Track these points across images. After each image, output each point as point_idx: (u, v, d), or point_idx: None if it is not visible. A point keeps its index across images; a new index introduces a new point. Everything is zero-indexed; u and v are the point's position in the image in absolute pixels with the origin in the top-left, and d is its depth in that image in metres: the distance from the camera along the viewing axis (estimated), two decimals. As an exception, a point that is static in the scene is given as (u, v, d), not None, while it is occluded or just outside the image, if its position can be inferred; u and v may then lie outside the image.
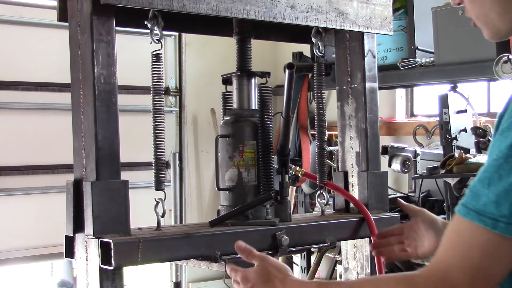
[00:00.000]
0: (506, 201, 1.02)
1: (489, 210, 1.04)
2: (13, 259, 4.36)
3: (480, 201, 1.06)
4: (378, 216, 1.93)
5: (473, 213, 1.06)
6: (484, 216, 1.05)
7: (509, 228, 1.03)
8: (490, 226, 1.04)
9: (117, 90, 1.56)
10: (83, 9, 1.54)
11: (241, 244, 1.44)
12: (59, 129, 4.23)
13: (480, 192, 1.06)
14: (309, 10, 1.81)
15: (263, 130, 1.81)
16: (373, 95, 1.99)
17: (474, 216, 1.06)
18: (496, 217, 1.03)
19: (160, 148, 1.66)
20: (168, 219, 4.86)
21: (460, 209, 1.09)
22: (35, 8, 4.39)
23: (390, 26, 1.99)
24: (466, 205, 1.08)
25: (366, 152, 1.97)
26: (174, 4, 1.58)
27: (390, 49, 3.64)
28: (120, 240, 1.49)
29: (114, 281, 1.51)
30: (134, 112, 4.68)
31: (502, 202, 1.03)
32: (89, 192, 1.51)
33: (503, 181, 1.03)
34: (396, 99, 4.50)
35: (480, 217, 1.05)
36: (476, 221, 1.06)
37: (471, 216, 1.06)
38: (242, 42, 1.89)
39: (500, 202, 1.03)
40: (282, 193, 1.83)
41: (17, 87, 4.34)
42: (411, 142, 4.12)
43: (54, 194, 4.31)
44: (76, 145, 1.60)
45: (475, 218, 1.06)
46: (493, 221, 1.03)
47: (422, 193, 3.58)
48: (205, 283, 5.15)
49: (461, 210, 1.09)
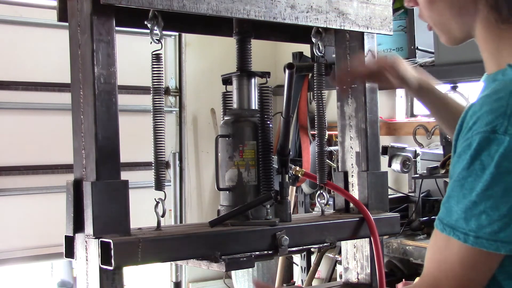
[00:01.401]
0: (471, 217, 1.13)
1: (460, 225, 1.14)
2: (13, 259, 4.36)
3: (452, 217, 1.16)
4: (378, 216, 1.93)
5: (448, 228, 1.16)
6: (457, 231, 1.15)
7: (477, 241, 1.12)
8: (462, 239, 1.14)
9: (117, 90, 1.56)
10: (83, 9, 1.54)
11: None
12: (59, 129, 4.23)
13: (452, 208, 1.16)
14: (309, 10, 1.81)
15: (263, 130, 1.80)
16: (373, 95, 1.99)
17: (449, 231, 1.16)
18: (466, 231, 1.13)
19: (160, 148, 1.66)
20: (168, 219, 4.86)
21: (437, 224, 1.19)
22: (35, 8, 4.39)
23: (390, 26, 1.99)
24: (442, 220, 1.18)
25: (366, 152, 1.97)
26: (174, 4, 1.58)
27: (390, 49, 3.65)
28: (120, 240, 1.49)
29: (114, 281, 1.51)
30: (134, 112, 4.69)
31: (469, 217, 1.13)
32: (89, 192, 1.51)
33: (466, 199, 1.13)
34: (396, 99, 4.50)
35: (454, 232, 1.15)
36: (451, 235, 1.15)
37: (447, 231, 1.16)
38: (242, 42, 1.89)
39: (467, 218, 1.13)
40: (282, 193, 1.83)
41: (17, 87, 4.35)
42: (411, 142, 4.12)
43: (54, 194, 4.31)
44: (76, 145, 1.60)
45: (450, 233, 1.16)
46: (464, 235, 1.14)
47: (422, 193, 3.58)
48: (205, 283, 5.15)
49: (438, 225, 1.19)
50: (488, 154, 1.10)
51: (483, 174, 1.11)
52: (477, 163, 1.12)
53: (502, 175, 1.10)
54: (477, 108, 1.15)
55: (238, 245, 1.67)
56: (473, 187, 1.12)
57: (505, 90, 1.14)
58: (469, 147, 1.13)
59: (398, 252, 3.36)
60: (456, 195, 1.15)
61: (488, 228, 1.11)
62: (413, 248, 3.30)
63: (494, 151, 1.10)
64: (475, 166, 1.12)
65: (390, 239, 3.38)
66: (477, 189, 1.12)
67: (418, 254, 3.26)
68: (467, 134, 1.14)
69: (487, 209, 1.11)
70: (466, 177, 1.13)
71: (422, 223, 3.46)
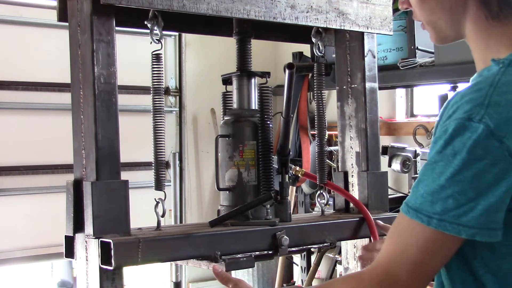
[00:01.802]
0: (438, 200, 1.14)
1: (425, 208, 1.16)
2: (13, 259, 4.36)
3: (418, 200, 1.17)
4: (378, 216, 1.93)
5: (412, 211, 1.18)
6: (421, 213, 1.16)
7: (441, 224, 1.14)
8: (425, 222, 1.15)
9: (117, 90, 1.56)
10: (83, 9, 1.54)
11: (216, 269, 1.52)
12: (59, 129, 4.23)
13: (418, 193, 1.18)
14: (309, 10, 1.81)
15: (263, 130, 1.80)
16: (373, 95, 1.99)
17: (413, 214, 1.17)
18: (430, 214, 1.15)
19: (160, 148, 1.66)
20: (168, 219, 4.86)
21: (403, 207, 1.21)
22: (35, 8, 4.39)
23: (390, 26, 2.00)
24: (407, 203, 1.20)
25: (366, 152, 1.97)
26: (174, 4, 1.58)
27: (390, 49, 3.64)
28: (120, 240, 1.49)
29: (114, 281, 1.51)
30: (134, 112, 4.68)
31: (435, 201, 1.14)
32: (89, 192, 1.51)
33: (435, 183, 1.15)
34: (396, 99, 4.50)
35: (417, 214, 1.17)
36: (414, 218, 1.17)
37: (411, 214, 1.18)
38: (242, 42, 1.89)
39: (434, 201, 1.15)
40: (282, 193, 1.83)
41: (17, 87, 4.34)
42: (411, 142, 4.12)
43: (54, 194, 4.31)
44: (76, 145, 1.60)
45: (414, 215, 1.17)
46: (427, 217, 1.15)
47: (422, 193, 3.58)
48: (205, 283, 5.15)
49: (403, 208, 1.20)
50: (461, 140, 1.12)
51: (454, 159, 1.13)
52: (449, 148, 1.14)
53: (472, 161, 1.11)
54: (458, 98, 1.18)
55: (238, 245, 1.67)
56: (443, 171, 1.14)
57: (485, 82, 1.17)
58: (445, 132, 1.15)
59: (398, 252, 3.35)
60: (425, 179, 1.17)
61: (453, 211, 1.13)
62: (413, 248, 3.29)
63: (467, 137, 1.12)
64: (447, 151, 1.14)
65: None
66: (446, 174, 1.13)
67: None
68: (445, 122, 1.16)
69: (455, 194, 1.13)
70: (437, 161, 1.15)
71: (422, 223, 3.45)
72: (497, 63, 1.20)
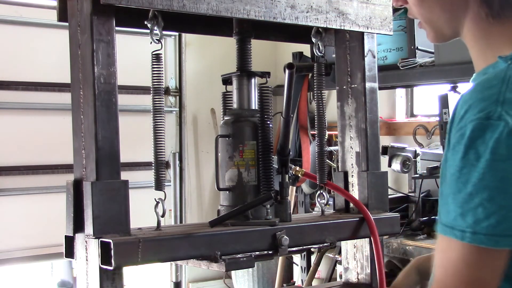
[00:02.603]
0: (468, 211, 1.07)
1: (458, 223, 1.09)
2: (13, 259, 4.37)
3: (450, 216, 1.11)
4: (378, 216, 1.93)
5: (447, 228, 1.11)
6: (455, 229, 1.10)
7: (475, 238, 1.07)
8: (459, 238, 1.09)
9: (117, 90, 1.56)
10: (83, 9, 1.53)
11: None
12: (59, 129, 4.23)
13: (449, 208, 1.11)
14: (309, 10, 1.81)
15: (263, 130, 1.80)
16: (373, 95, 1.99)
17: (449, 231, 1.11)
18: (463, 228, 1.08)
19: (160, 148, 1.66)
20: (168, 219, 4.87)
21: (438, 228, 1.15)
22: (35, 8, 4.40)
23: (390, 26, 1.99)
24: (442, 222, 1.14)
25: (366, 152, 1.97)
26: (174, 4, 1.58)
27: (390, 49, 3.65)
28: (120, 240, 1.49)
29: (114, 281, 1.51)
30: (134, 112, 4.69)
31: (465, 213, 1.08)
32: (89, 192, 1.51)
33: (462, 192, 1.08)
34: (396, 99, 4.50)
35: (453, 231, 1.10)
36: (450, 235, 1.11)
37: (447, 232, 1.12)
38: (242, 42, 1.89)
39: (464, 213, 1.08)
40: (282, 193, 1.82)
41: (17, 87, 4.35)
42: (411, 142, 4.12)
43: (54, 194, 4.32)
44: (76, 145, 1.59)
45: (450, 233, 1.11)
46: (461, 232, 1.09)
47: (422, 193, 3.58)
48: (205, 283, 5.15)
49: (439, 228, 1.14)
50: (482, 141, 1.06)
51: (478, 163, 1.06)
52: (471, 152, 1.07)
53: (497, 162, 1.05)
54: (467, 97, 1.13)
55: (238, 245, 1.67)
56: (468, 179, 1.07)
57: (496, 78, 1.12)
58: (463, 136, 1.08)
59: (398, 252, 3.36)
60: (452, 192, 1.10)
61: (485, 222, 1.06)
62: (413, 248, 3.30)
63: (488, 137, 1.05)
64: (469, 155, 1.07)
65: (390, 239, 3.38)
66: (472, 180, 1.06)
67: (418, 254, 3.25)
68: (459, 124, 1.10)
69: (484, 201, 1.06)
70: (461, 169, 1.08)
71: (422, 223, 3.46)
72: (505, 60, 1.17)
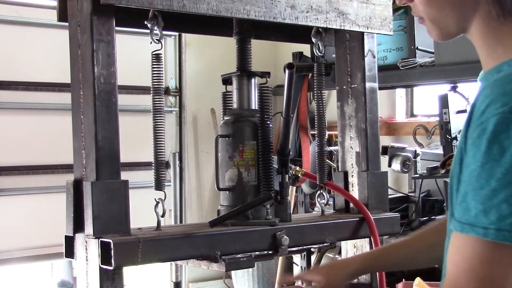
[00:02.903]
0: (491, 208, 1.04)
1: (480, 220, 1.06)
2: (13, 259, 4.36)
3: (471, 214, 1.07)
4: (378, 216, 1.93)
5: (467, 226, 1.08)
6: (476, 227, 1.06)
7: (499, 235, 1.04)
8: (481, 235, 1.05)
9: (117, 90, 1.56)
10: (83, 9, 1.54)
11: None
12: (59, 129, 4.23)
13: (469, 205, 1.08)
14: (309, 10, 1.81)
15: (263, 130, 1.81)
16: (373, 95, 1.99)
17: (468, 229, 1.08)
18: (486, 225, 1.05)
19: (160, 148, 1.66)
20: (168, 219, 4.86)
21: (456, 226, 1.11)
22: (35, 8, 4.39)
23: (390, 26, 1.99)
24: (459, 220, 1.10)
25: (366, 152, 1.97)
26: (174, 4, 1.58)
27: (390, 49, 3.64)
28: (120, 240, 1.49)
29: (114, 281, 1.51)
30: (134, 112, 4.69)
31: (488, 209, 1.05)
32: (89, 192, 1.51)
33: (485, 188, 1.05)
34: (396, 99, 4.50)
35: (473, 228, 1.07)
36: (470, 233, 1.07)
37: (466, 230, 1.08)
38: (242, 42, 1.89)
39: (487, 210, 1.05)
40: (282, 193, 1.83)
41: (17, 87, 4.35)
42: (411, 142, 4.12)
43: (54, 194, 4.31)
44: (76, 145, 1.60)
45: (470, 231, 1.07)
46: (484, 229, 1.05)
47: (422, 193, 3.58)
48: (205, 283, 5.15)
49: (457, 226, 1.11)
50: (507, 135, 1.03)
51: (502, 158, 1.03)
52: (495, 147, 1.04)
53: None
54: (488, 91, 1.10)
55: (238, 245, 1.67)
56: (492, 174, 1.04)
57: None
58: (484, 131, 1.05)
59: (398, 252, 3.35)
60: (472, 188, 1.07)
61: (510, 218, 1.03)
62: (413, 248, 3.29)
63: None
64: (493, 150, 1.04)
65: (390, 239, 3.37)
66: (496, 175, 1.03)
67: (418, 254, 3.25)
68: (480, 119, 1.07)
69: (508, 197, 1.03)
70: (483, 164, 1.05)
71: (422, 223, 3.46)
72: None
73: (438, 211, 3.38)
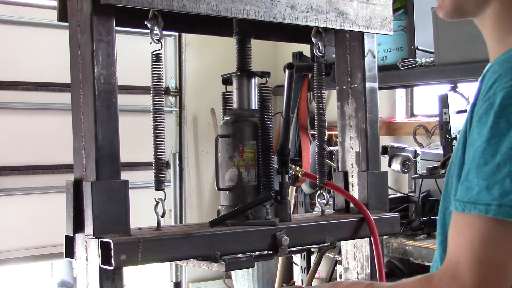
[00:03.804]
0: (495, 184, 1.01)
1: (482, 197, 1.03)
2: (13, 259, 4.37)
3: (473, 192, 1.04)
4: (378, 216, 1.93)
5: (469, 205, 1.05)
6: (478, 204, 1.03)
7: (501, 211, 1.01)
8: (483, 211, 1.02)
9: (117, 90, 1.56)
10: (83, 9, 1.54)
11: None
12: (59, 129, 4.23)
13: (471, 184, 1.05)
14: (309, 10, 1.81)
15: (263, 130, 1.81)
16: (373, 95, 1.99)
17: (470, 207, 1.04)
18: (488, 202, 1.02)
19: (160, 148, 1.66)
20: (168, 219, 4.87)
21: (456, 206, 1.08)
22: (35, 8, 4.39)
23: (390, 26, 1.99)
24: (461, 200, 1.07)
25: (366, 152, 1.97)
26: (174, 4, 1.58)
27: (390, 49, 3.65)
28: (120, 240, 1.49)
29: (114, 281, 1.51)
30: (134, 112, 4.69)
31: (492, 185, 1.02)
32: (89, 192, 1.51)
33: (489, 164, 1.02)
34: (396, 99, 4.50)
35: (475, 206, 1.04)
36: (472, 211, 1.04)
37: (468, 209, 1.05)
38: (242, 42, 1.89)
39: (490, 186, 1.02)
40: (282, 193, 1.83)
41: (17, 87, 4.35)
42: (411, 142, 4.12)
43: (54, 194, 4.32)
44: (76, 145, 1.60)
45: (471, 209, 1.04)
46: (485, 206, 1.02)
47: (422, 193, 3.58)
48: (205, 283, 5.15)
49: (458, 206, 1.08)
50: None
51: (509, 132, 1.00)
52: (502, 121, 1.01)
53: None
54: (497, 67, 1.07)
55: (238, 245, 1.67)
56: (497, 149, 1.01)
57: None
58: (492, 106, 1.02)
59: (398, 252, 3.36)
60: (476, 165, 1.04)
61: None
62: (413, 248, 3.30)
63: None
64: (499, 124, 1.01)
65: (390, 239, 3.38)
66: (502, 150, 1.00)
67: (418, 254, 3.26)
68: (487, 94, 1.05)
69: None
70: (489, 139, 1.02)
71: (422, 223, 3.46)
72: None
73: (438, 211, 3.38)
